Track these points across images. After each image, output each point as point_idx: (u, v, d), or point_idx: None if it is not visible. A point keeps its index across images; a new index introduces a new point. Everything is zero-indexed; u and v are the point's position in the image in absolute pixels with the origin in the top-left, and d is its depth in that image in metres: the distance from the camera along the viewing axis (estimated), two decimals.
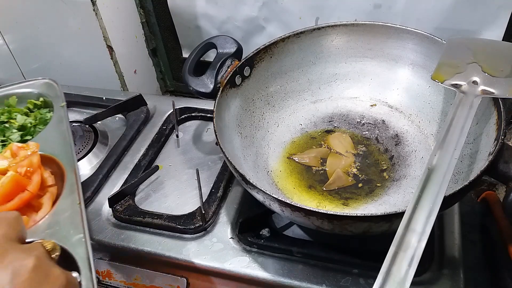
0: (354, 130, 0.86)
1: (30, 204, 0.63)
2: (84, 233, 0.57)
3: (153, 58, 1.28)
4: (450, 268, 0.68)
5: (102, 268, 0.78)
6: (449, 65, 0.72)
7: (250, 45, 1.06)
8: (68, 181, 0.64)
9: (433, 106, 0.83)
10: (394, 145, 0.82)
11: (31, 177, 0.63)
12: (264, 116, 0.86)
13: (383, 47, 0.86)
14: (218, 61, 0.81)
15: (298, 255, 0.71)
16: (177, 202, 0.82)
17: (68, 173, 0.65)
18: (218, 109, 0.76)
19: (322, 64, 0.90)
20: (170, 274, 0.75)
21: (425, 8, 0.91)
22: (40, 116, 0.81)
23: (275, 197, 0.60)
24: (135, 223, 0.79)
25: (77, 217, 0.59)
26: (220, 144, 0.70)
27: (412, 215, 0.51)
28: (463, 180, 0.68)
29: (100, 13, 1.04)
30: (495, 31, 0.90)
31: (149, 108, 1.02)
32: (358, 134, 0.85)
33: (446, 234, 0.73)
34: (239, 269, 0.71)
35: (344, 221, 0.58)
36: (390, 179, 0.76)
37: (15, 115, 0.81)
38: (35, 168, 0.64)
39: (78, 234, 0.57)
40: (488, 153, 0.63)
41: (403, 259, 0.48)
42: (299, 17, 1.01)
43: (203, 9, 1.07)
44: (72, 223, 0.58)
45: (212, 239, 0.75)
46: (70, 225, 0.58)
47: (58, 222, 0.59)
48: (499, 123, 0.65)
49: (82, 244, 0.55)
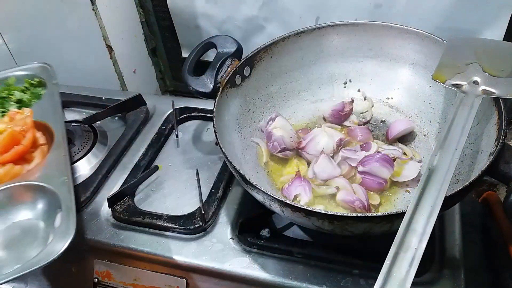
0: None
1: (24, 157, 0.77)
2: (67, 176, 0.71)
3: (153, 58, 1.28)
4: (451, 269, 0.67)
5: (102, 268, 0.78)
6: (450, 65, 0.72)
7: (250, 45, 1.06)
8: (56, 140, 0.79)
9: (434, 106, 0.82)
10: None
11: (25, 135, 0.77)
12: (264, 116, 0.86)
13: (384, 47, 0.86)
14: (218, 61, 0.80)
15: (298, 255, 0.71)
16: (177, 202, 0.82)
17: (57, 134, 0.80)
18: (218, 109, 0.76)
19: (322, 64, 0.89)
20: (169, 274, 0.75)
21: (426, 7, 0.91)
22: (35, 92, 0.93)
23: (275, 197, 0.60)
24: (135, 223, 0.78)
25: (62, 165, 0.73)
26: (220, 144, 0.69)
27: (412, 215, 0.51)
28: (463, 180, 0.67)
29: (99, 13, 1.03)
30: (496, 31, 0.90)
31: (149, 108, 1.02)
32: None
33: (447, 235, 0.72)
34: (239, 270, 0.70)
35: (344, 221, 0.58)
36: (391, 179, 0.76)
37: (13, 92, 0.92)
38: (28, 128, 0.78)
39: (62, 176, 0.71)
40: (489, 153, 0.63)
41: (404, 260, 0.48)
42: (299, 17, 1.01)
43: (203, 8, 1.07)
44: (58, 170, 0.73)
45: (212, 240, 0.75)
46: (56, 171, 0.73)
47: (46, 169, 0.74)
48: (500, 123, 0.65)
49: (65, 184, 0.70)
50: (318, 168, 0.75)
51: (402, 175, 0.74)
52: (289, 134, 0.79)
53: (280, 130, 0.79)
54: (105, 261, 0.78)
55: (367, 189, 0.73)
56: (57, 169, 0.73)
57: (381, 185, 0.73)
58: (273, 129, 0.79)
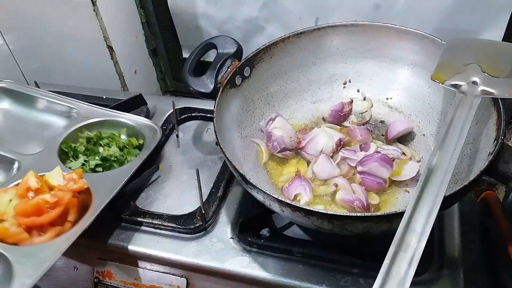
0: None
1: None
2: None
3: (153, 58, 1.29)
4: (450, 268, 0.68)
5: (102, 268, 0.78)
6: (449, 65, 0.73)
7: (250, 46, 1.06)
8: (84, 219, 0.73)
9: (433, 106, 0.83)
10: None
11: (52, 209, 0.70)
12: (264, 116, 0.86)
13: (383, 48, 0.86)
14: (218, 61, 0.81)
15: (298, 255, 0.71)
16: (177, 202, 0.82)
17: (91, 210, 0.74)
18: (218, 109, 0.76)
19: (322, 64, 0.90)
20: (170, 274, 0.75)
21: (425, 9, 0.91)
22: (131, 152, 0.86)
23: (275, 197, 0.60)
24: (135, 223, 0.79)
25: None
26: (220, 144, 0.70)
27: (412, 215, 0.52)
28: (462, 180, 0.68)
29: (100, 13, 1.04)
30: (495, 32, 0.90)
31: (149, 108, 1.02)
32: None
33: (446, 234, 0.73)
34: (239, 269, 0.71)
35: (344, 221, 0.58)
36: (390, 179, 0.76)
37: (111, 144, 0.87)
38: (60, 204, 0.71)
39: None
40: (488, 153, 0.63)
41: (403, 259, 0.48)
42: (299, 18, 1.01)
43: (203, 9, 1.07)
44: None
45: (212, 239, 0.75)
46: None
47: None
48: (498, 123, 0.65)
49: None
50: (317, 168, 0.76)
51: (401, 175, 0.74)
52: (289, 134, 0.80)
53: (280, 130, 0.79)
54: (105, 260, 0.78)
55: (366, 189, 0.73)
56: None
57: (381, 185, 0.73)
58: (273, 129, 0.80)
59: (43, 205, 0.70)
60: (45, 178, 0.75)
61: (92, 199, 0.75)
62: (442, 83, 0.71)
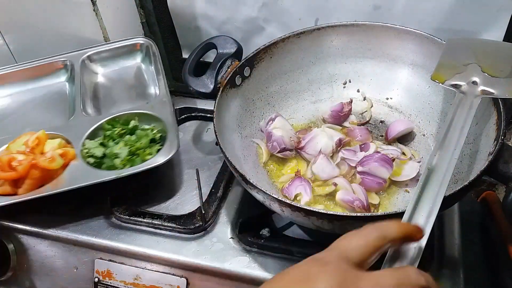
0: None
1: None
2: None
3: None
4: (450, 268, 0.68)
5: (102, 268, 0.78)
6: (449, 65, 0.73)
7: (250, 46, 1.06)
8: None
9: (433, 106, 0.83)
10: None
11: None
12: (264, 116, 0.86)
13: (383, 48, 0.86)
14: (218, 62, 0.81)
15: (298, 255, 0.71)
16: (177, 202, 0.82)
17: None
18: (218, 109, 0.76)
19: (322, 64, 0.90)
20: (170, 274, 0.75)
21: (425, 9, 0.91)
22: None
23: (275, 197, 0.60)
24: (135, 223, 0.79)
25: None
26: (220, 144, 0.70)
27: (412, 215, 0.51)
28: (463, 180, 0.68)
29: (100, 13, 1.04)
30: (495, 32, 0.90)
31: None
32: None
33: (446, 234, 0.73)
34: (239, 269, 0.71)
35: (344, 221, 0.58)
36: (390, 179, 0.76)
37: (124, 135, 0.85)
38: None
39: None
40: (488, 153, 0.63)
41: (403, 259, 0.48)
42: (299, 18, 1.01)
43: (203, 9, 1.07)
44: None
45: (212, 239, 0.75)
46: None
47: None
48: (498, 123, 0.65)
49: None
50: (317, 168, 0.76)
51: (401, 175, 0.74)
52: (289, 134, 0.80)
53: (280, 130, 0.79)
54: (105, 260, 0.78)
55: (366, 189, 0.73)
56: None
57: (381, 185, 0.73)
58: (273, 129, 0.80)
59: (7, 163, 0.75)
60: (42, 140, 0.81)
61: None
62: (442, 83, 0.71)
